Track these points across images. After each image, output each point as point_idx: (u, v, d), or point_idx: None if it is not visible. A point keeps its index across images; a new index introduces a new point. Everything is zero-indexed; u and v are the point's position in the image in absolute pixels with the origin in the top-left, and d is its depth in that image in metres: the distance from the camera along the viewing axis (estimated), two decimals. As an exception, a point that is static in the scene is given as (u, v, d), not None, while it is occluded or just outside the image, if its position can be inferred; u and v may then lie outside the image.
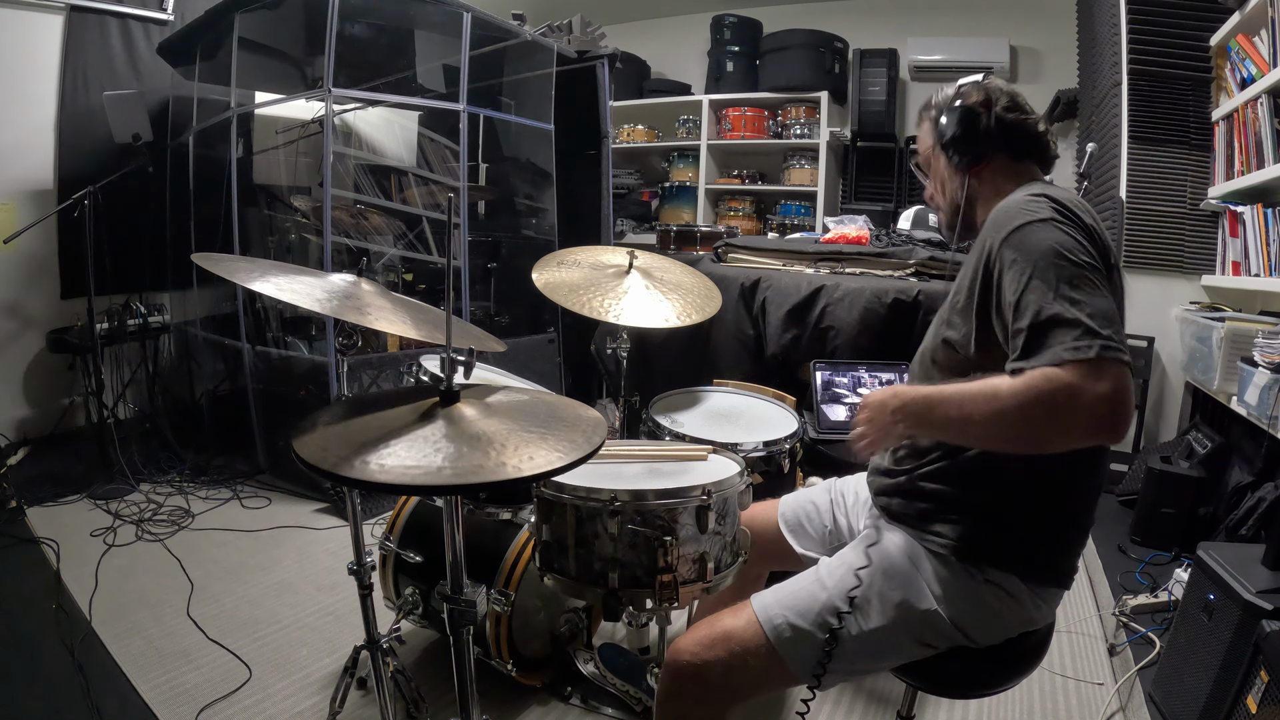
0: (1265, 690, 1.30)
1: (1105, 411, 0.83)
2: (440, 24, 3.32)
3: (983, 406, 0.90)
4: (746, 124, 4.92)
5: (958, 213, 1.19)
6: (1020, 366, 0.88)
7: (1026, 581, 1.02)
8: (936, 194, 1.24)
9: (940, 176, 1.21)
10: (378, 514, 2.77)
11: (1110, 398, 0.83)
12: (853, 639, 1.03)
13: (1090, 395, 0.83)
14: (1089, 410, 0.83)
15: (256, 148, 3.61)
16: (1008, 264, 0.94)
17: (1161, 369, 3.20)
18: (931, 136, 1.20)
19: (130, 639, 1.94)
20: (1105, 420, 0.83)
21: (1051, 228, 0.94)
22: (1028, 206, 0.98)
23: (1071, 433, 0.86)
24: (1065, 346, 0.85)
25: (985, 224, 1.04)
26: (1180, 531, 2.41)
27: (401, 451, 0.84)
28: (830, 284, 2.44)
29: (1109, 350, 0.84)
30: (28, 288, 3.41)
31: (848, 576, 1.06)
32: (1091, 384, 0.83)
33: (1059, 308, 0.87)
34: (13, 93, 3.29)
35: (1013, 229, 0.96)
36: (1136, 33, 3.09)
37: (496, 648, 1.64)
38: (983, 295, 0.99)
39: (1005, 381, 0.88)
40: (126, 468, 2.93)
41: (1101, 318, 0.86)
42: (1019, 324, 0.90)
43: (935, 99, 1.20)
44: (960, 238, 1.22)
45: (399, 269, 3.47)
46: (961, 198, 1.18)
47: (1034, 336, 0.88)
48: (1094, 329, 0.85)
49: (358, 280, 1.25)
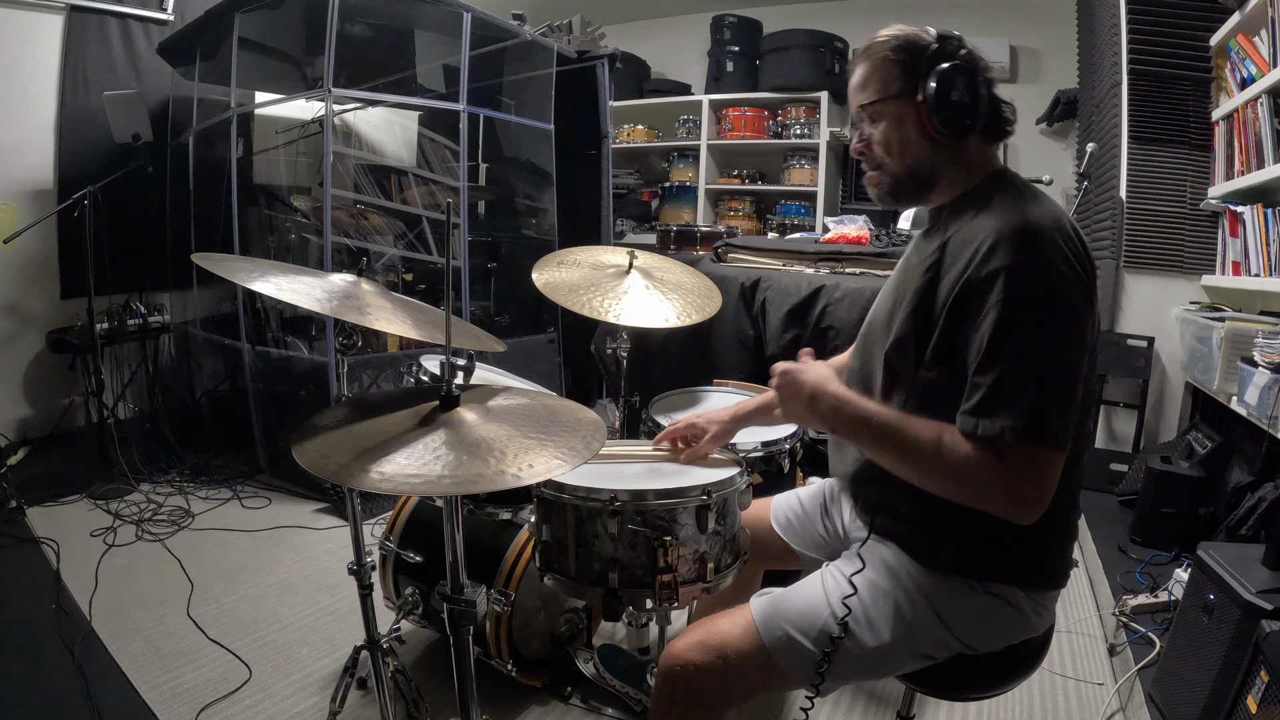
0: (1265, 690, 1.30)
1: (1026, 505, 0.89)
2: (440, 24, 3.32)
3: (911, 456, 0.94)
4: (746, 124, 4.92)
5: (917, 181, 1.06)
6: (970, 424, 0.90)
7: (1026, 589, 1.01)
8: (883, 152, 1.06)
9: (902, 136, 1.04)
10: (378, 514, 2.77)
11: (1035, 497, 0.88)
12: (851, 653, 1.02)
13: (1017, 489, 0.88)
14: (1014, 502, 0.89)
15: (256, 148, 3.61)
16: (1007, 306, 0.89)
17: (1161, 369, 3.20)
18: (896, 83, 1.03)
19: (130, 639, 1.94)
20: (1025, 511, 0.89)
21: (1070, 296, 0.89)
22: (1056, 257, 0.90)
23: (986, 506, 0.91)
24: (1015, 426, 0.86)
25: (990, 229, 0.94)
26: (1180, 531, 2.41)
27: (401, 459, 0.84)
28: (830, 284, 2.44)
29: (1051, 441, 0.87)
30: (28, 288, 3.41)
31: (846, 589, 1.05)
32: (1022, 475, 0.88)
33: (1031, 385, 0.87)
34: (13, 93, 3.29)
35: (1035, 276, 0.89)
36: (1136, 33, 3.09)
37: (496, 648, 1.64)
38: (954, 310, 0.95)
39: (947, 447, 0.91)
40: (126, 468, 2.93)
41: (1063, 404, 0.88)
42: (984, 376, 0.89)
43: (895, 38, 1.04)
44: (901, 204, 1.14)
45: (399, 269, 3.47)
46: (926, 168, 1.05)
47: (993, 397, 0.89)
48: (1048, 417, 0.87)
49: (358, 280, 1.25)
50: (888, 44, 1.05)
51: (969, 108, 1.00)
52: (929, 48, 1.02)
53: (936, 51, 1.01)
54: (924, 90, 1.00)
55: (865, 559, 1.07)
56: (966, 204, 1.03)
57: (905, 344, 1.02)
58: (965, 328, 0.94)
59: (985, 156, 1.07)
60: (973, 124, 1.01)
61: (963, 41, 1.03)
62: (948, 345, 0.96)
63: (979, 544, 0.98)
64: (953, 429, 0.92)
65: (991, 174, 1.06)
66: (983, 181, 1.05)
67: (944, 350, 0.97)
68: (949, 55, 1.01)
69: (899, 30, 1.05)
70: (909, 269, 1.09)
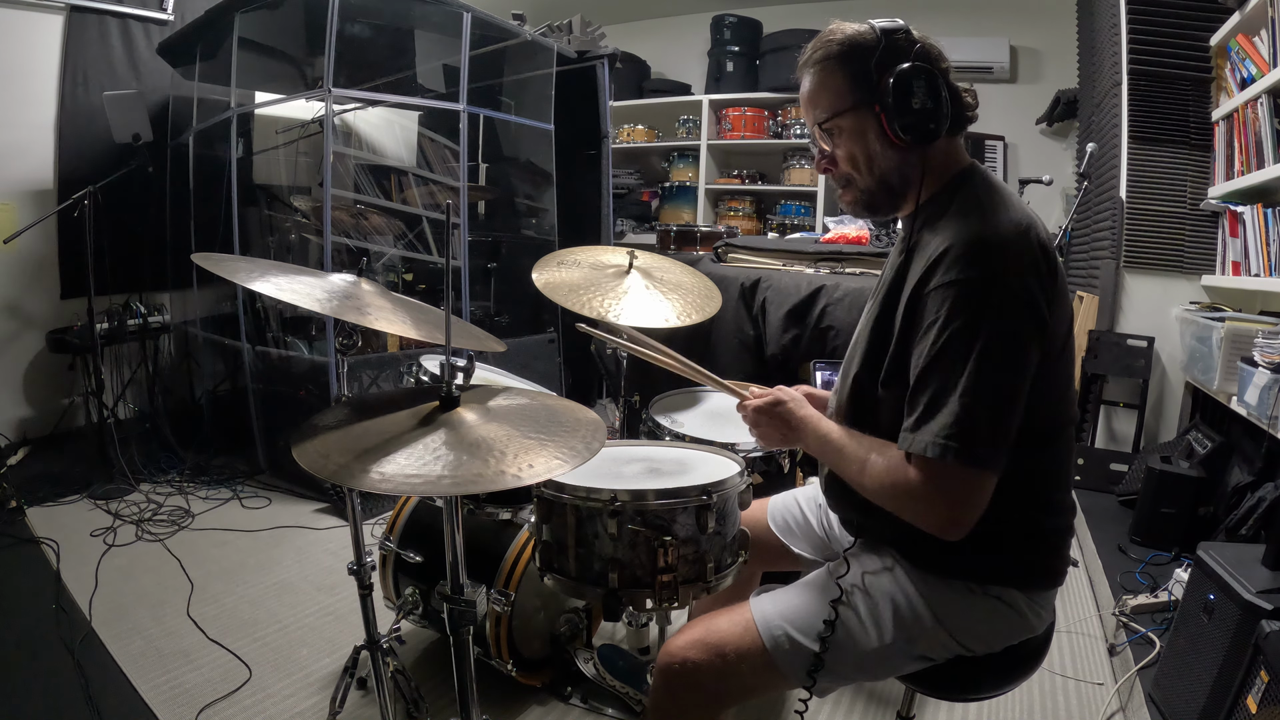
0: (1265, 690, 1.30)
1: (951, 524, 0.90)
2: (440, 24, 3.32)
3: (851, 470, 0.99)
4: (746, 124, 4.92)
5: (889, 191, 1.02)
6: (906, 440, 0.91)
7: (1025, 590, 1.01)
8: (849, 168, 1.02)
9: (865, 149, 0.99)
10: (378, 514, 2.77)
11: (959, 517, 0.89)
12: (851, 655, 1.01)
13: (942, 508, 0.90)
14: (938, 520, 0.91)
15: (256, 148, 3.62)
16: (945, 323, 0.88)
17: (1161, 369, 3.20)
18: (849, 94, 0.97)
19: (130, 639, 1.94)
20: (949, 530, 0.90)
21: (1013, 315, 0.87)
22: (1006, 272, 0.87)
23: (914, 521, 0.93)
24: (944, 444, 0.87)
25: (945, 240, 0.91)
26: (1180, 531, 2.41)
27: (401, 459, 0.84)
28: (830, 284, 2.44)
29: (978, 462, 0.87)
30: (28, 288, 3.41)
31: (843, 585, 1.04)
32: (948, 494, 0.89)
33: (960, 405, 0.87)
34: (13, 93, 3.29)
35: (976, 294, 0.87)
36: (1136, 33, 3.09)
37: (496, 648, 1.64)
38: (904, 323, 0.94)
39: (872, 462, 0.95)
40: (126, 468, 2.93)
41: (995, 426, 0.88)
42: (919, 394, 0.90)
43: (837, 43, 0.98)
44: (879, 216, 1.10)
45: (399, 269, 3.47)
46: (896, 177, 1.00)
47: (924, 414, 0.89)
48: (976, 439, 0.87)
49: (358, 280, 1.25)
50: (831, 51, 0.98)
51: (932, 111, 0.94)
52: (876, 47, 0.96)
53: (885, 50, 0.95)
54: (880, 98, 0.94)
55: (862, 563, 1.07)
56: (933, 209, 1.00)
57: (868, 361, 1.02)
58: (913, 340, 0.93)
59: (950, 153, 1.02)
60: (937, 127, 0.95)
61: (910, 32, 0.97)
62: (901, 359, 0.96)
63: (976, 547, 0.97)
64: (885, 446, 0.95)
65: (958, 173, 1.02)
66: (949, 182, 1.01)
67: (895, 367, 0.97)
68: (898, 52, 0.95)
69: (840, 33, 0.99)
70: (880, 284, 1.08)
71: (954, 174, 1.02)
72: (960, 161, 1.03)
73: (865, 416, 1.03)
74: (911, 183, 1.01)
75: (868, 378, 1.02)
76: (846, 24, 1.00)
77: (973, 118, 1.03)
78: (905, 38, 0.97)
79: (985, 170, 1.04)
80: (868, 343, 1.03)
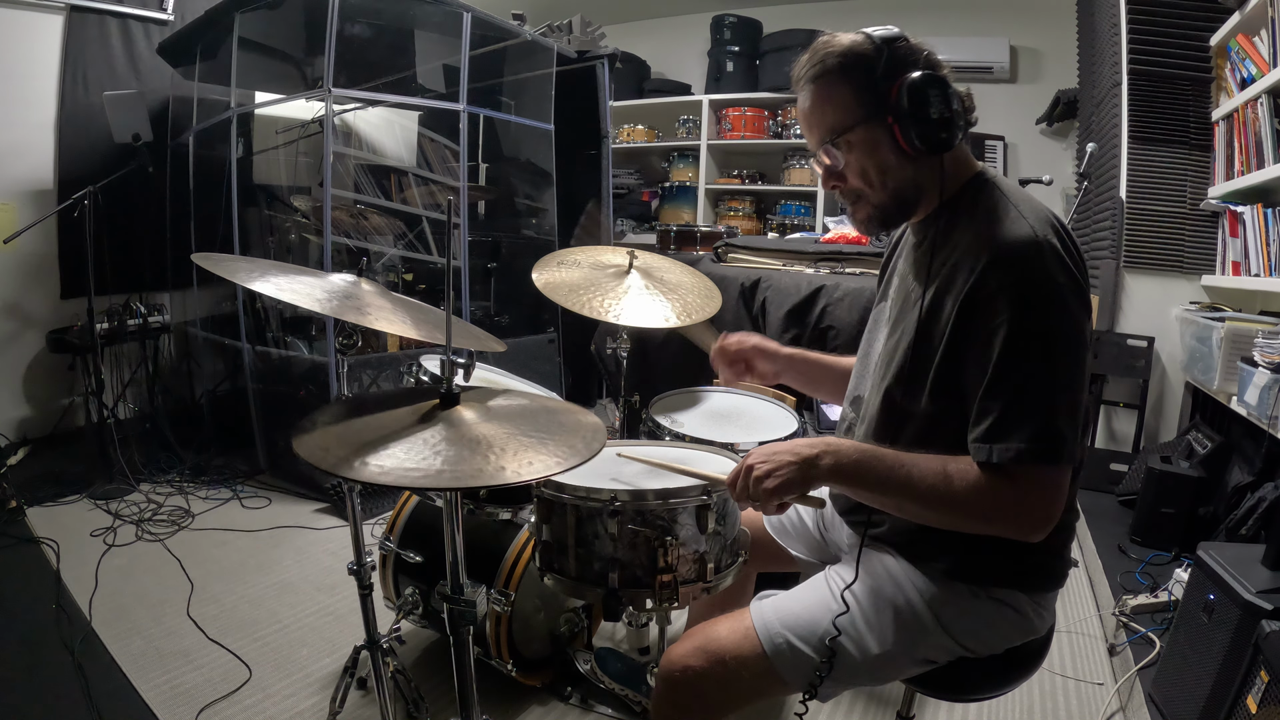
0: (1265, 690, 1.30)
1: (1039, 524, 0.88)
2: (440, 24, 3.32)
3: (917, 494, 0.91)
4: (746, 124, 4.91)
5: (903, 204, 1.00)
6: (984, 451, 0.88)
7: (1027, 592, 1.01)
8: (861, 183, 0.99)
9: (878, 162, 0.97)
10: (378, 514, 2.77)
11: (1047, 515, 0.88)
12: (853, 661, 1.01)
13: (1030, 510, 0.88)
14: (1028, 523, 0.89)
15: (256, 148, 3.62)
16: (1014, 327, 0.86)
17: (1161, 369, 3.20)
18: (857, 107, 0.95)
19: (130, 639, 1.94)
20: (1038, 530, 0.89)
21: (1070, 307, 0.88)
22: (1054, 268, 0.87)
23: (995, 531, 0.91)
24: (1031, 448, 0.86)
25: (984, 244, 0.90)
26: (1180, 531, 2.41)
27: (400, 453, 0.84)
28: (830, 284, 2.44)
29: (1066, 458, 0.87)
30: (28, 288, 3.41)
31: (846, 598, 1.04)
32: (1035, 495, 0.87)
33: (1044, 406, 0.86)
34: (13, 93, 3.29)
35: (1037, 294, 0.87)
36: (1136, 33, 3.09)
37: (496, 648, 1.64)
38: (955, 332, 0.92)
39: (956, 478, 0.89)
40: (126, 468, 2.93)
41: (1074, 419, 0.88)
42: (994, 400, 0.88)
43: (836, 55, 0.95)
44: (890, 230, 1.09)
45: (399, 269, 3.47)
46: (910, 189, 0.98)
47: (1005, 421, 0.87)
48: (1063, 435, 0.86)
49: (358, 280, 1.25)
50: (830, 64, 0.96)
51: (948, 119, 0.92)
52: (879, 58, 0.94)
53: (888, 59, 0.94)
54: (893, 108, 0.92)
55: (864, 568, 1.06)
56: (952, 214, 0.99)
57: (905, 375, 0.98)
58: (968, 351, 0.91)
59: (960, 158, 1.01)
60: (952, 135, 0.93)
61: (908, 39, 0.96)
62: (950, 372, 0.94)
63: (978, 549, 0.97)
64: (954, 458, 0.91)
65: (972, 176, 1.01)
66: (965, 186, 1.00)
67: (946, 378, 0.94)
68: (901, 60, 0.94)
69: (837, 45, 0.96)
70: (905, 296, 1.05)
71: (967, 178, 1.01)
72: (971, 165, 1.02)
73: (894, 433, 1.01)
74: (925, 192, 1.00)
75: (902, 392, 0.99)
76: (840, 35, 0.97)
77: (974, 120, 1.03)
78: (906, 45, 0.96)
79: (995, 172, 1.04)
80: (905, 357, 0.99)
